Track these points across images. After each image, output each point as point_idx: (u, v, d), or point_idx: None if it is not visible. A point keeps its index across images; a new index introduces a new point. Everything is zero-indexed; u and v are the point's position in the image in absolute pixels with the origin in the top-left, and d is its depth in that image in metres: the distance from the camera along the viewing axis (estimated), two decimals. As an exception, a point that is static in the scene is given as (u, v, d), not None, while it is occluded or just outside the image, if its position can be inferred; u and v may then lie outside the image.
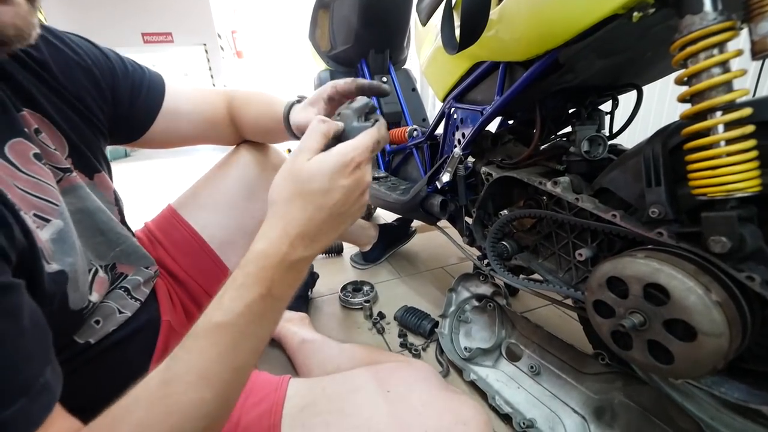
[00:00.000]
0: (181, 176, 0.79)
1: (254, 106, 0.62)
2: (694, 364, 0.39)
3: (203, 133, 0.62)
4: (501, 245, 0.71)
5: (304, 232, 0.32)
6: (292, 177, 0.33)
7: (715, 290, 0.38)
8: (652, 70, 0.58)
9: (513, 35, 0.53)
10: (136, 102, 0.52)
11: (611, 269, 0.45)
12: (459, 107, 0.76)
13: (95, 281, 0.43)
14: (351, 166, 0.33)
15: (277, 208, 0.33)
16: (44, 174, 0.37)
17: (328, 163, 0.33)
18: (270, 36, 6.23)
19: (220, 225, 0.64)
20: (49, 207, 0.36)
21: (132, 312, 0.48)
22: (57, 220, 0.37)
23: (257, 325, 0.31)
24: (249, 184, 0.66)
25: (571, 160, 0.61)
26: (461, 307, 0.85)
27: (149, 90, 0.54)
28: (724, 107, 0.37)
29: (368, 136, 0.36)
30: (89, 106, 0.46)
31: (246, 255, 0.32)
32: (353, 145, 0.34)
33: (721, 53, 0.36)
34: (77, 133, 0.44)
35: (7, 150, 0.34)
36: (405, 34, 1.34)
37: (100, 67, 0.48)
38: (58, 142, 0.42)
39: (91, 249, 0.44)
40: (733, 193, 0.37)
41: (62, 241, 0.37)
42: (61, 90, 0.43)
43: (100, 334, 0.43)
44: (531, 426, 0.62)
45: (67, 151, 0.43)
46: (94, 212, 0.44)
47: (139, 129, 0.55)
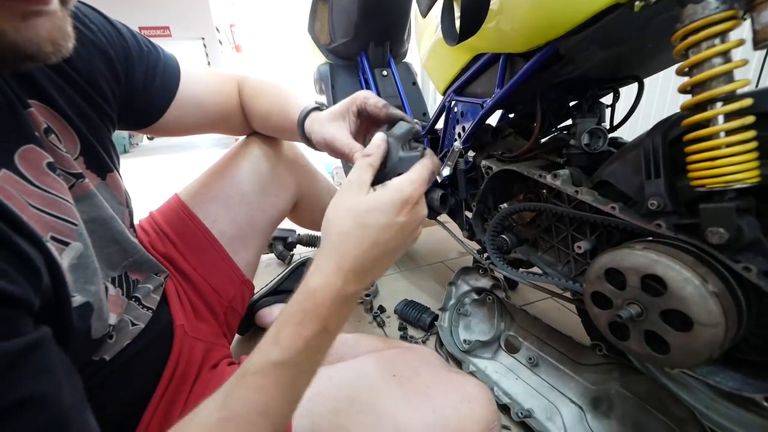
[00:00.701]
0: (181, 172, 0.79)
1: (266, 99, 0.58)
2: (690, 353, 0.39)
3: (215, 122, 0.59)
4: (501, 239, 0.71)
5: (358, 266, 0.32)
6: (349, 211, 0.33)
7: (712, 281, 0.38)
8: (654, 62, 0.58)
9: (513, 26, 0.53)
10: (150, 87, 0.48)
11: (609, 261, 0.45)
12: (459, 100, 0.76)
13: (109, 301, 0.40)
14: (410, 203, 0.33)
15: (332, 240, 0.33)
16: (59, 188, 0.33)
17: (387, 200, 0.32)
18: (269, 30, 6.18)
19: (230, 220, 0.62)
20: (67, 228, 0.33)
21: (145, 323, 0.46)
22: (76, 243, 0.33)
23: (313, 360, 0.32)
24: (261, 178, 0.64)
25: (571, 153, 0.61)
26: (461, 301, 0.86)
27: (164, 74, 0.50)
28: (724, 98, 0.37)
29: (424, 168, 0.35)
30: (104, 94, 0.41)
31: (301, 288, 0.32)
32: (410, 180, 0.33)
33: (723, 43, 0.36)
34: (90, 127, 0.40)
35: (17, 160, 0.30)
36: (405, 27, 1.33)
37: (114, 46, 0.43)
38: (69, 140, 0.37)
39: (103, 260, 0.40)
40: (731, 185, 0.37)
41: (84, 267, 0.34)
42: (73, 76, 0.38)
43: (115, 349, 0.41)
44: (529, 416, 0.63)
45: (78, 149, 0.39)
46: (108, 221, 0.41)
47: (151, 116, 0.51)
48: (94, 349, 0.39)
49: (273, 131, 0.62)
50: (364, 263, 0.32)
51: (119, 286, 0.43)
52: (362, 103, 0.45)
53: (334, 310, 0.31)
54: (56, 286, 0.28)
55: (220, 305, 0.61)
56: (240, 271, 0.64)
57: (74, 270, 0.33)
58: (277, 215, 0.68)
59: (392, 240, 0.32)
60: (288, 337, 0.30)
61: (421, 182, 0.34)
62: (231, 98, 0.60)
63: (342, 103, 0.47)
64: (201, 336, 0.53)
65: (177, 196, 0.63)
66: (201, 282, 0.59)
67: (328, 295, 0.31)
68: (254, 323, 0.91)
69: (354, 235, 0.32)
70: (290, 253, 1.35)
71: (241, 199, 0.63)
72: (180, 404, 0.45)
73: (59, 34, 0.27)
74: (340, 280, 0.31)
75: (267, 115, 0.58)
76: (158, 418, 0.43)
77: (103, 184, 0.42)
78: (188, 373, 0.48)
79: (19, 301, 0.23)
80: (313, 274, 0.32)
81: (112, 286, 0.42)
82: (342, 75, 1.35)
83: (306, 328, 0.30)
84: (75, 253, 0.33)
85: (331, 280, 0.31)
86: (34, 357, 0.22)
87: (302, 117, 0.51)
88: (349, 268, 0.32)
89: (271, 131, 0.62)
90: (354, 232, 0.32)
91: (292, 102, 0.54)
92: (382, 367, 0.47)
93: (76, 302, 0.32)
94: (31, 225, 0.27)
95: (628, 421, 0.55)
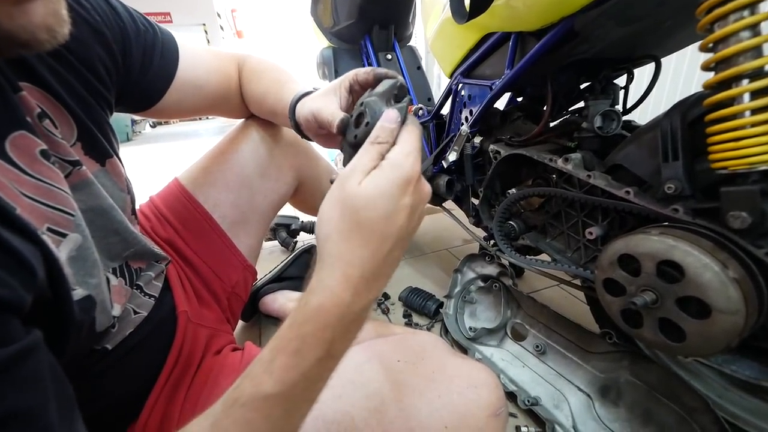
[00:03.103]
0: (183, 160, 0.77)
1: (264, 81, 0.56)
2: (707, 342, 0.38)
3: (215, 104, 0.57)
4: (508, 225, 0.70)
5: (368, 271, 0.26)
6: (347, 207, 0.27)
7: (732, 267, 0.37)
8: (672, 40, 0.55)
9: (526, 2, 0.50)
10: (148, 69, 0.46)
11: (623, 247, 0.44)
12: (467, 83, 0.74)
13: (112, 292, 0.39)
14: (413, 179, 0.27)
15: (331, 247, 0.27)
16: (54, 176, 0.31)
17: (387, 182, 0.27)
18: (270, 14, 6.08)
19: (231, 204, 0.61)
20: (64, 218, 0.31)
21: (147, 311, 0.45)
22: (74, 234, 0.31)
23: (312, 390, 0.28)
24: (261, 162, 0.63)
25: (583, 137, 0.59)
26: (466, 288, 0.85)
27: (162, 56, 0.47)
28: (751, 74, 0.35)
29: (412, 136, 0.30)
30: (100, 76, 0.39)
31: (299, 308, 0.27)
32: (404, 152, 0.28)
33: (752, 15, 0.33)
34: (87, 111, 0.37)
35: (8, 147, 0.28)
36: (410, 9, 1.29)
37: (110, 25, 0.40)
38: (65, 125, 0.35)
39: (103, 251, 0.39)
40: (756, 166, 0.35)
41: (83, 259, 0.32)
42: (68, 57, 0.35)
43: (118, 339, 0.40)
44: (536, 404, 0.62)
45: (75, 134, 0.36)
46: (108, 210, 0.39)
47: (150, 98, 0.49)
48: (98, 340, 0.38)
49: (268, 115, 0.58)
50: (374, 264, 0.27)
51: (121, 275, 0.42)
52: (353, 78, 0.43)
53: (342, 330, 0.27)
54: (54, 279, 0.27)
55: (223, 290, 0.61)
56: (242, 256, 0.64)
57: (73, 262, 0.31)
58: (278, 199, 0.68)
59: (402, 228, 0.27)
60: (282, 367, 0.26)
61: (416, 152, 0.29)
62: (230, 79, 0.57)
63: (333, 82, 0.45)
64: (204, 322, 0.53)
65: (177, 180, 0.62)
66: (203, 267, 0.59)
67: (335, 315, 0.26)
68: (258, 310, 0.91)
69: (358, 233, 0.26)
70: (294, 240, 1.35)
71: (242, 182, 0.62)
72: (183, 391, 0.45)
73: (54, 20, 0.25)
74: (348, 294, 0.26)
75: (263, 97, 0.55)
76: (161, 404, 0.43)
77: (102, 171, 0.40)
78: (191, 359, 0.48)
79: (7, 304, 0.21)
80: (315, 291, 0.27)
81: (114, 277, 0.41)
82: (345, 59, 1.32)
83: (304, 358, 0.26)
84: (73, 244, 0.31)
85: (338, 294, 0.26)
86: (21, 367, 0.21)
87: (294, 101, 0.48)
88: (359, 276, 0.26)
89: (266, 115, 0.59)
90: (358, 228, 0.26)
91: (288, 86, 0.51)
92: (387, 353, 0.47)
93: (78, 295, 0.30)
94: (24, 217, 0.25)
95: (638, 409, 0.55)
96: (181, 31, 6.22)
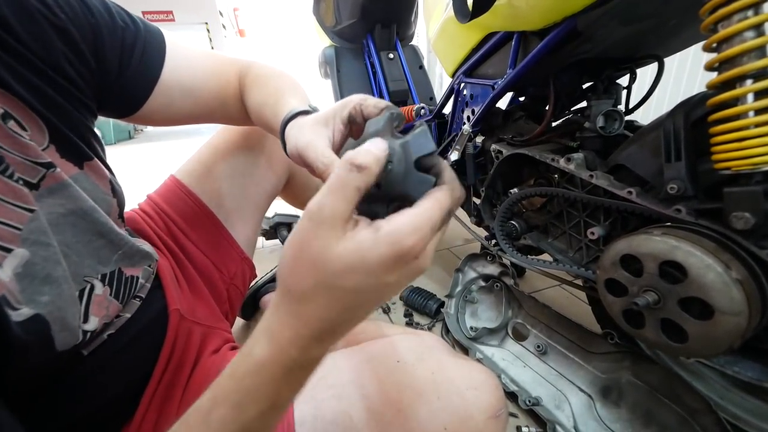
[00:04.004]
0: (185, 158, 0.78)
1: (264, 91, 0.48)
2: (710, 342, 0.38)
3: (211, 111, 0.52)
4: (510, 225, 0.70)
5: (323, 330, 0.24)
6: (317, 265, 0.22)
7: (735, 268, 0.36)
8: (676, 40, 0.55)
9: (529, 1, 0.50)
10: (126, 70, 0.42)
11: (626, 247, 0.44)
12: (469, 82, 0.74)
13: (92, 303, 0.36)
14: (409, 256, 0.22)
15: (290, 301, 0.24)
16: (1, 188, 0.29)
17: (375, 256, 0.22)
18: (273, 13, 6.08)
19: (225, 193, 0.63)
20: (8, 232, 0.28)
21: (132, 313, 0.42)
22: (20, 249, 0.29)
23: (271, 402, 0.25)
24: (253, 152, 0.65)
25: (585, 137, 0.59)
26: (468, 287, 0.85)
27: (144, 55, 0.43)
28: (755, 74, 0.35)
29: (437, 204, 0.23)
30: (69, 76, 0.36)
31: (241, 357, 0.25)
32: (414, 226, 0.22)
33: (756, 15, 0.33)
34: (57, 112, 0.35)
35: None
36: (413, 8, 1.29)
37: (78, 23, 0.37)
38: (34, 127, 0.33)
39: (92, 256, 0.37)
40: (759, 167, 0.35)
41: (31, 275, 0.30)
42: (29, 57, 0.33)
43: (94, 344, 0.38)
44: (537, 404, 0.62)
45: (47, 137, 0.34)
46: (89, 212, 0.37)
47: (131, 103, 0.45)
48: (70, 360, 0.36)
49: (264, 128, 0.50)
50: (330, 327, 0.24)
51: (109, 284, 0.39)
52: (357, 107, 0.35)
53: (286, 382, 0.24)
54: None
55: (223, 282, 0.62)
56: (239, 248, 0.65)
57: (20, 279, 0.29)
58: (271, 189, 0.69)
59: (374, 301, 0.24)
60: (220, 420, 0.24)
61: (432, 228, 0.22)
62: (228, 84, 0.52)
63: (333, 107, 0.38)
64: (199, 319, 0.52)
65: (173, 177, 0.63)
66: (202, 258, 0.60)
67: (279, 369, 0.24)
68: (259, 308, 0.92)
69: (322, 297, 0.23)
70: (295, 239, 1.35)
71: (233, 172, 0.63)
72: (179, 390, 0.44)
73: None
74: (296, 350, 0.24)
75: (260, 108, 0.48)
76: (156, 404, 0.42)
77: (81, 174, 0.38)
78: (186, 358, 0.47)
79: None
80: (260, 340, 0.24)
81: (101, 284, 0.38)
82: (347, 58, 1.32)
83: (244, 412, 0.24)
84: (19, 260, 0.29)
85: (284, 350, 0.24)
86: None
87: (285, 120, 0.40)
88: (310, 335, 0.24)
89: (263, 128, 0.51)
90: (322, 293, 0.23)
91: (285, 98, 0.44)
92: (387, 353, 0.47)
93: (22, 315, 0.28)
94: None
95: (639, 410, 0.55)
96: (183, 30, 6.22)
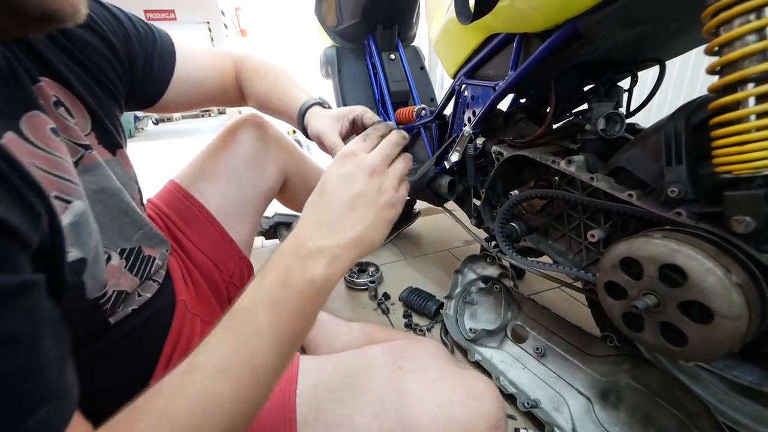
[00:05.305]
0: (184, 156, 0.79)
1: (266, 82, 0.62)
2: (709, 346, 0.38)
3: (213, 97, 0.64)
4: (510, 226, 0.70)
5: (319, 221, 0.34)
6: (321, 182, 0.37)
7: (735, 271, 0.36)
8: (677, 43, 0.55)
9: (531, 3, 0.50)
10: (150, 70, 0.51)
11: (626, 250, 0.44)
12: (470, 83, 0.74)
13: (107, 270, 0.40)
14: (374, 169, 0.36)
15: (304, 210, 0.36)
16: (61, 150, 0.34)
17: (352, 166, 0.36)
18: (274, 13, 6.08)
19: (222, 195, 0.66)
20: (69, 187, 0.34)
21: (152, 294, 0.47)
22: (78, 201, 0.34)
23: (275, 315, 0.30)
24: (246, 155, 0.68)
25: (585, 139, 0.59)
26: (467, 289, 0.85)
27: (161, 57, 0.53)
28: (757, 78, 0.34)
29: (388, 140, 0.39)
30: (110, 77, 0.44)
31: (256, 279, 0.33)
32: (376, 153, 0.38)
33: (758, 19, 0.33)
34: (99, 105, 0.42)
35: (23, 125, 0.31)
36: (414, 9, 1.29)
37: (115, 34, 0.45)
38: (80, 116, 0.39)
39: (116, 231, 0.42)
40: (760, 170, 0.35)
41: (83, 224, 0.34)
42: (81, 59, 0.40)
43: (120, 315, 0.42)
44: (535, 406, 0.62)
45: (89, 125, 0.41)
46: (116, 192, 0.42)
47: (152, 97, 0.54)
48: (94, 310, 0.39)
49: (270, 112, 0.65)
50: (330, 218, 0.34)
51: (126, 258, 0.43)
52: (360, 115, 0.52)
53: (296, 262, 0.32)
54: (54, 237, 0.29)
55: (222, 280, 0.64)
56: (237, 247, 0.67)
57: (74, 227, 0.33)
58: (267, 190, 0.72)
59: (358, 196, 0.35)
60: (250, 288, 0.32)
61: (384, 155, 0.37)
62: (226, 74, 0.64)
63: (342, 109, 0.54)
64: (200, 314, 0.54)
65: (172, 181, 0.66)
66: (202, 258, 0.62)
67: (289, 247, 0.33)
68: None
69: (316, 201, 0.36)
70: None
71: (230, 174, 0.67)
72: None
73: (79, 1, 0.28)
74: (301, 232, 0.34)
75: (266, 97, 0.62)
76: None
77: (114, 160, 0.45)
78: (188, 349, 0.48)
79: (17, 233, 0.23)
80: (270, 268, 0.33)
81: (118, 257, 0.42)
82: (349, 58, 1.32)
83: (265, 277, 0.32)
84: (76, 210, 0.34)
85: (296, 234, 0.34)
86: (24, 298, 0.22)
87: (304, 109, 0.56)
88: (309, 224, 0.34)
89: (268, 112, 0.66)
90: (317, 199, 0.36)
91: (292, 90, 0.60)
92: (389, 359, 0.47)
93: (72, 257, 0.32)
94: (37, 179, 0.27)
95: (638, 413, 0.54)
96: (185, 29, 6.22)
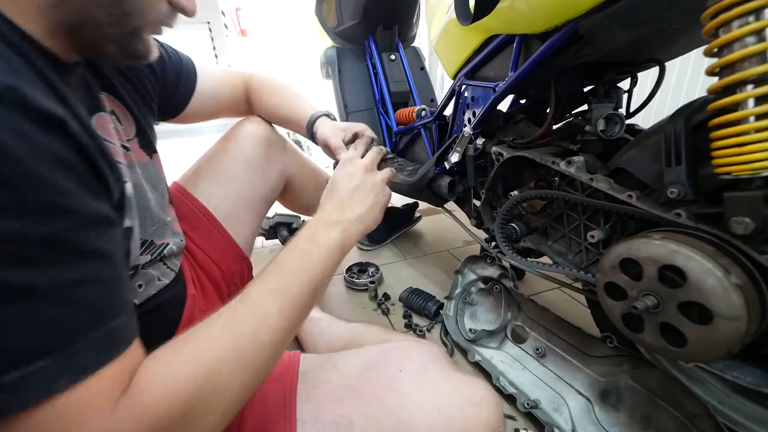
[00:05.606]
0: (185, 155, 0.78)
1: (275, 97, 0.73)
2: (709, 347, 0.38)
3: (227, 110, 0.73)
4: (510, 227, 0.70)
5: (333, 205, 0.47)
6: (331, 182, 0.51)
7: (734, 273, 0.36)
8: (677, 44, 0.55)
9: (530, 4, 0.50)
10: (177, 87, 0.60)
11: (625, 251, 0.44)
12: (470, 84, 0.74)
13: None
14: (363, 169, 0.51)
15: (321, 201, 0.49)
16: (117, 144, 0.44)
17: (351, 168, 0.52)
18: (275, 13, 6.09)
19: (223, 196, 0.68)
20: (125, 170, 0.41)
21: (169, 280, 0.52)
22: (129, 183, 0.42)
23: (305, 259, 0.40)
24: (247, 158, 0.70)
25: (585, 140, 0.59)
26: (467, 289, 0.85)
27: (186, 76, 0.62)
28: (756, 80, 0.35)
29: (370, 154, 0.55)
30: (149, 92, 0.54)
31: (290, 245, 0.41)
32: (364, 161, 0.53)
33: (757, 20, 0.33)
34: (142, 115, 0.51)
35: (94, 122, 0.40)
36: (415, 10, 1.29)
37: None
38: (127, 124, 0.48)
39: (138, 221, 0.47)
40: (759, 172, 0.35)
41: (130, 201, 0.42)
42: (132, 78, 0.50)
43: (143, 296, 0.47)
44: (535, 407, 0.62)
45: (134, 131, 0.49)
46: (145, 189, 0.49)
47: (176, 111, 0.63)
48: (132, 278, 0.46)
49: (279, 122, 0.76)
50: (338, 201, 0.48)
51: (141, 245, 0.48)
52: (361, 131, 0.65)
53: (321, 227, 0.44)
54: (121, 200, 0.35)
55: (224, 280, 0.66)
56: (238, 248, 0.69)
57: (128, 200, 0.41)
58: (269, 192, 0.74)
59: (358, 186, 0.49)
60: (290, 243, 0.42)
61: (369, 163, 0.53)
62: (238, 90, 0.73)
63: (346, 123, 0.67)
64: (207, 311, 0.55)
65: (175, 182, 0.69)
66: (204, 258, 0.64)
67: (315, 220, 0.45)
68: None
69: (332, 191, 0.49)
70: (295, 239, 1.35)
71: (231, 176, 0.69)
72: None
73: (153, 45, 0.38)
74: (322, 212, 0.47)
75: (275, 108, 0.73)
76: None
77: (150, 162, 0.52)
78: None
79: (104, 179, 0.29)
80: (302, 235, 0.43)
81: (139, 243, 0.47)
82: (349, 59, 1.32)
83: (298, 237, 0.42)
84: (128, 189, 0.41)
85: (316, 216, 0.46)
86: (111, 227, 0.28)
87: (313, 119, 0.68)
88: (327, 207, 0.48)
89: (277, 122, 0.76)
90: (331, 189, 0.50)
91: (299, 103, 0.72)
92: (389, 361, 0.47)
93: (125, 224, 0.40)
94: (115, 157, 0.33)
95: (638, 414, 0.55)
96: (185, 29, 6.20)
